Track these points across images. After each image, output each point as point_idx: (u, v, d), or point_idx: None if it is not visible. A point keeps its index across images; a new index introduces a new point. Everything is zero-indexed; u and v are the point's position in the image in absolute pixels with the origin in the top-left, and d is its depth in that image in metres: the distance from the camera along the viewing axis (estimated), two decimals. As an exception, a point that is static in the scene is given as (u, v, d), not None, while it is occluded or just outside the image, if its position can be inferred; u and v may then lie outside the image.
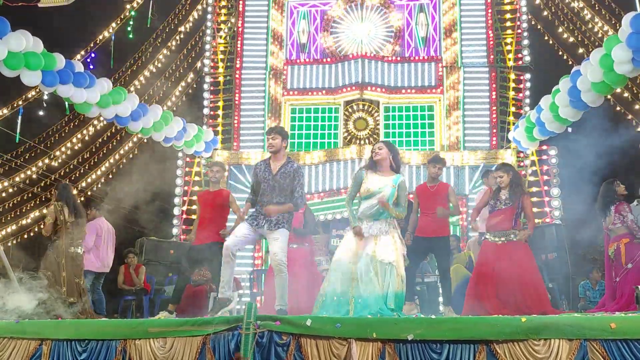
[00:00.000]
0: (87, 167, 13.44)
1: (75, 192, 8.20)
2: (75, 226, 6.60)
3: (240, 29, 12.56)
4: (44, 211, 13.24)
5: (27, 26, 7.08)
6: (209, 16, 12.82)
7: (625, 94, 12.45)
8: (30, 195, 13.64)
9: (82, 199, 12.13)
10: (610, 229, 6.45)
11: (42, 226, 6.52)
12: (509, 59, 12.02)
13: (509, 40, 12.11)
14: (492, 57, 11.96)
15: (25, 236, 13.26)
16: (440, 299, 8.16)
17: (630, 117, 12.55)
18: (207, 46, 12.68)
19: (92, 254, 7.73)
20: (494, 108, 11.70)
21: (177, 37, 13.45)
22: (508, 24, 12.25)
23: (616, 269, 6.32)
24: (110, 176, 13.87)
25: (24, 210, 13.48)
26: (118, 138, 13.26)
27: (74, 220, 6.59)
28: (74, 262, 6.54)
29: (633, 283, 6.04)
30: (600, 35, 12.41)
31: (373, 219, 5.02)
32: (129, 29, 12.67)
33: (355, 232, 5.00)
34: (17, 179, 13.09)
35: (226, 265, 5.18)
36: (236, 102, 12.15)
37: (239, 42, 12.47)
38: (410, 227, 6.41)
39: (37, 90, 10.26)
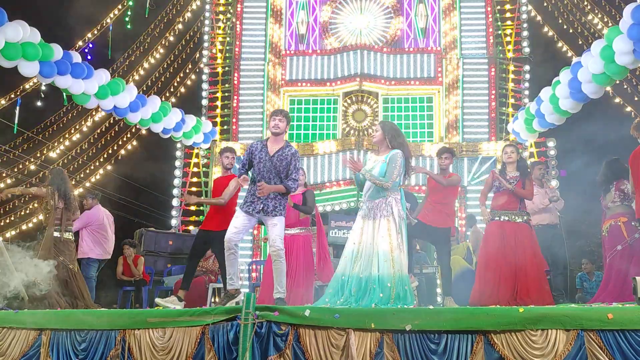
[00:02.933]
0: (85, 158, 13.43)
1: (71, 181, 8.18)
2: (64, 212, 6.54)
3: (239, 20, 12.49)
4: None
5: (24, 16, 7.04)
6: (207, 7, 12.75)
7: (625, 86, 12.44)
8: (28, 186, 13.63)
9: (81, 189, 12.15)
10: (608, 206, 6.23)
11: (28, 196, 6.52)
12: (509, 51, 11.99)
13: (508, 32, 12.07)
14: (491, 48, 11.92)
15: (24, 227, 13.27)
16: (439, 290, 8.20)
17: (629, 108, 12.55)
18: (206, 37, 12.62)
19: (92, 241, 7.76)
20: (493, 100, 11.67)
21: (175, 28, 13.39)
22: (508, 15, 12.22)
23: (608, 248, 6.15)
24: (110, 167, 13.86)
25: (22, 202, 13.48)
26: (116, 129, 13.25)
27: (63, 206, 6.54)
28: (66, 247, 6.48)
29: (619, 267, 5.93)
30: (600, 26, 12.38)
31: (370, 199, 5.01)
32: (126, 19, 12.63)
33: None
34: (15, 169, 13.08)
35: (231, 257, 5.18)
36: (235, 93, 12.11)
37: (237, 33, 12.41)
38: (416, 211, 6.46)
39: (35, 81, 10.22)
